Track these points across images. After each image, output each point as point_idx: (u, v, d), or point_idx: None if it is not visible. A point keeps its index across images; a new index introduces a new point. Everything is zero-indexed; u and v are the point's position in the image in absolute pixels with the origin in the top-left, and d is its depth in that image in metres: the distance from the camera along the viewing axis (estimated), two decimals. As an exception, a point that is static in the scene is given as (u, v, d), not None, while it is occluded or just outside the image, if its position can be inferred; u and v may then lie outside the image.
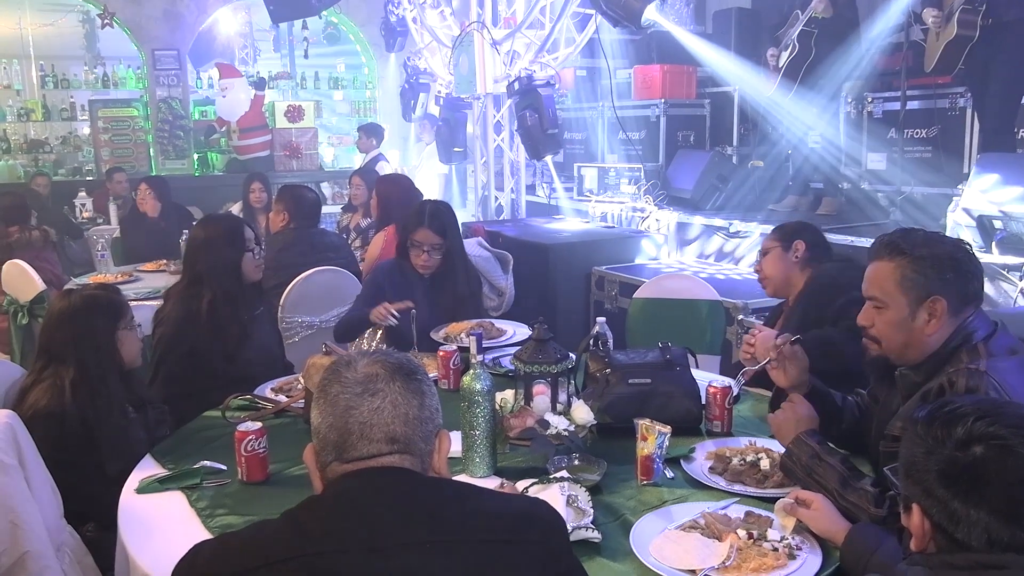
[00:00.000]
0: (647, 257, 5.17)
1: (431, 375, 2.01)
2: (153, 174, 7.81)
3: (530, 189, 6.62)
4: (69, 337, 2.27)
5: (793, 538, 1.64)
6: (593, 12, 5.10)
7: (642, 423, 1.94)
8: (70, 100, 8.76)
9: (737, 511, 1.77)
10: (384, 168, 6.63)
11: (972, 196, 3.83)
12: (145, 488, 1.96)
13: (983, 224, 3.73)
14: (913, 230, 1.82)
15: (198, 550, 1.21)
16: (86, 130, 8.93)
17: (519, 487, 1.81)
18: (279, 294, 3.80)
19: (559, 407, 2.05)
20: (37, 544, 1.80)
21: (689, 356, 2.40)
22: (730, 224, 4.95)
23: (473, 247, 4.15)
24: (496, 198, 6.27)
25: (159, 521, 1.84)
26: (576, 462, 1.97)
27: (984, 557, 1.11)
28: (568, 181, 6.46)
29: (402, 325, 2.92)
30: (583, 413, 2.02)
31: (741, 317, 3.74)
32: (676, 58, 6.07)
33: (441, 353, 2.67)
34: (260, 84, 8.83)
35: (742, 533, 1.64)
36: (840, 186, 5.11)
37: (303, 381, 2.39)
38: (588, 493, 1.78)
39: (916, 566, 1.17)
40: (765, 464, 1.94)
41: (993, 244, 3.65)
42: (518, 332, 3.10)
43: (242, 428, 2.00)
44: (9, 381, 2.39)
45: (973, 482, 1.12)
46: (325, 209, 5.96)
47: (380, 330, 2.84)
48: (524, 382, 2.07)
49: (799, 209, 5.23)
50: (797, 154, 5.33)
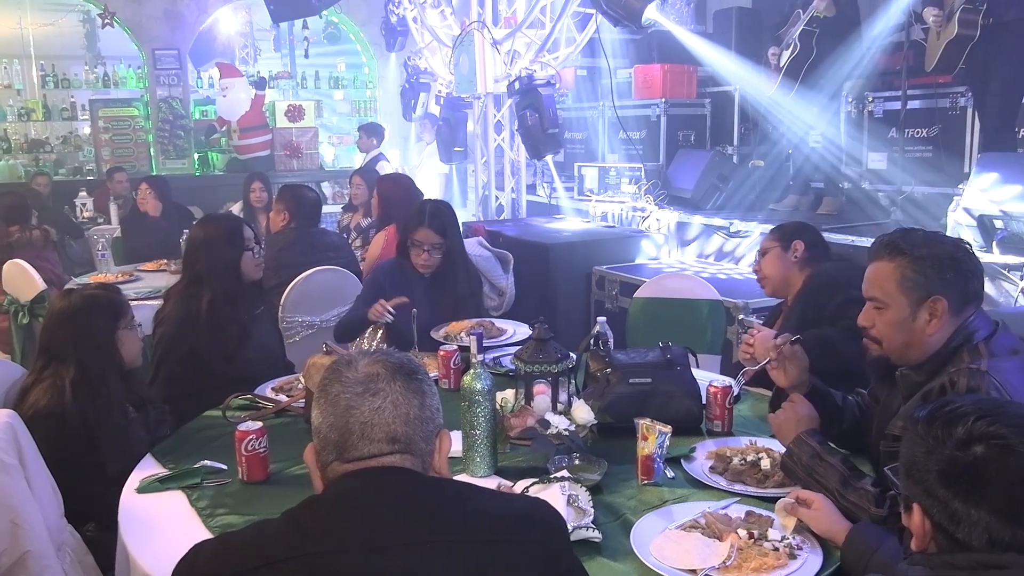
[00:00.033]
0: (647, 257, 5.17)
1: (432, 375, 2.01)
2: (154, 174, 7.81)
3: (530, 189, 6.62)
4: (69, 337, 2.27)
5: (794, 538, 1.64)
6: (593, 12, 5.10)
7: (643, 423, 1.94)
8: (71, 100, 8.76)
9: (738, 511, 1.76)
10: (384, 168, 6.63)
11: (973, 196, 3.83)
12: (146, 488, 1.96)
13: (984, 224, 3.73)
14: (913, 230, 1.81)
15: (198, 550, 1.21)
16: (87, 130, 8.93)
17: (519, 487, 1.80)
18: (280, 294, 3.80)
19: (560, 407, 2.05)
20: (38, 544, 1.80)
21: (690, 356, 2.41)
22: (730, 224, 4.95)
23: (474, 247, 4.15)
24: (496, 198, 6.27)
25: (160, 521, 1.84)
26: (577, 462, 1.97)
27: (985, 557, 1.11)
28: (568, 181, 6.45)
29: (403, 325, 2.92)
30: (584, 413, 2.02)
31: (742, 317, 3.74)
32: (677, 58, 6.06)
33: (442, 353, 2.67)
34: (260, 84, 8.82)
35: (743, 533, 1.64)
36: (841, 186, 5.11)
37: (304, 381, 2.39)
38: (589, 493, 1.78)
39: (917, 566, 1.17)
40: (766, 464, 1.95)
41: (994, 244, 3.65)
42: (518, 331, 3.10)
43: (243, 428, 2.00)
44: (10, 381, 2.39)
45: (974, 482, 1.12)
46: (326, 209, 5.96)
47: (380, 330, 2.84)
48: (525, 382, 2.07)
49: (800, 209, 5.22)
50: (798, 154, 5.33)
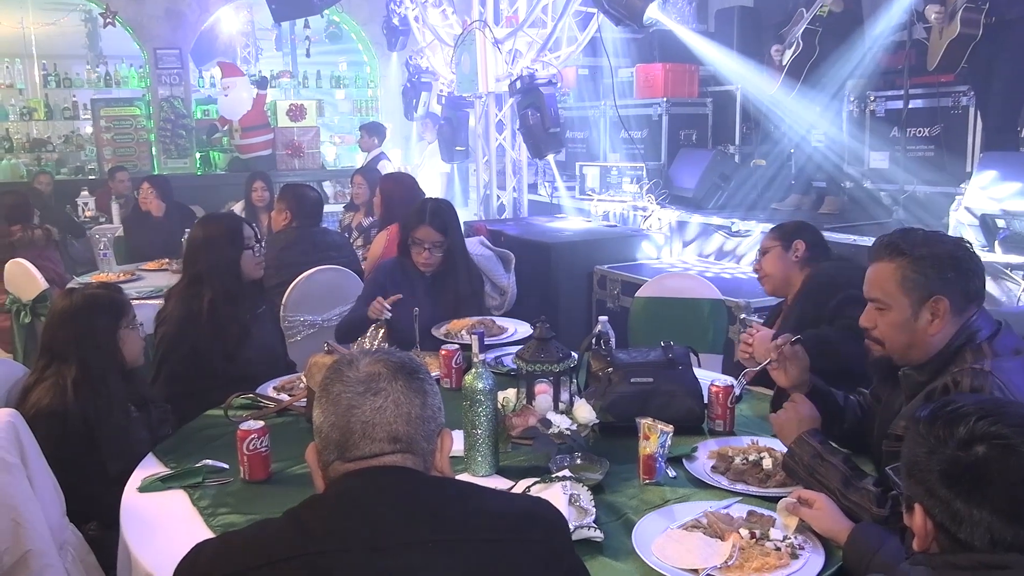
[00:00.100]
0: (649, 256, 5.17)
1: (433, 374, 2.01)
2: (155, 173, 7.82)
3: (532, 188, 6.61)
4: (71, 336, 2.27)
5: (795, 537, 1.64)
6: (595, 11, 5.10)
7: (644, 422, 1.94)
8: (72, 99, 8.75)
9: (739, 510, 1.76)
10: (386, 167, 6.63)
11: (975, 195, 3.83)
12: (147, 487, 1.96)
13: (986, 223, 3.72)
14: (912, 230, 1.80)
15: (200, 549, 1.21)
16: (88, 129, 8.93)
17: (521, 486, 1.80)
18: (281, 293, 3.80)
19: (561, 406, 2.05)
20: (39, 543, 1.80)
21: (692, 355, 2.40)
22: (731, 223, 4.95)
23: (475, 246, 4.15)
24: (498, 197, 6.27)
25: (161, 520, 1.84)
26: (578, 461, 1.97)
27: (987, 557, 1.11)
28: (570, 180, 6.45)
29: (404, 324, 2.92)
30: (585, 412, 2.02)
31: (743, 316, 3.74)
32: (678, 57, 6.06)
33: (443, 352, 2.67)
34: (262, 83, 8.81)
35: (744, 532, 1.64)
36: (843, 185, 5.10)
37: (305, 380, 2.39)
38: (590, 492, 1.78)
39: (919, 566, 1.16)
40: (767, 463, 1.94)
41: (996, 243, 3.65)
42: (519, 329, 3.10)
43: (244, 427, 2.00)
44: (12, 380, 2.39)
45: (975, 482, 1.12)
46: (327, 208, 5.96)
47: (382, 329, 2.84)
48: (526, 381, 2.07)
49: (802, 208, 5.22)
50: (800, 153, 5.32)
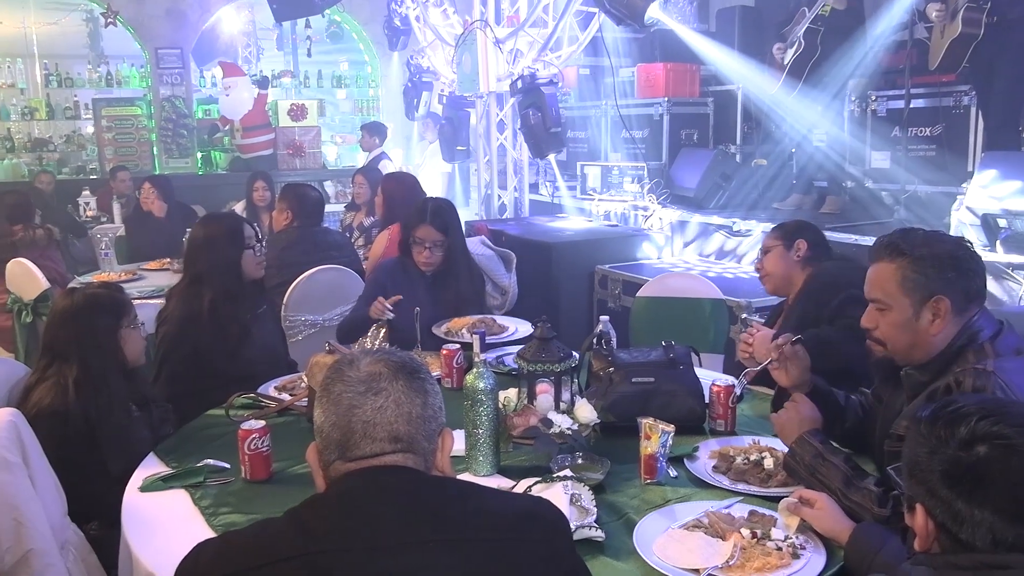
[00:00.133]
0: (650, 256, 5.17)
1: (434, 374, 2.00)
2: (156, 173, 7.82)
3: (533, 188, 6.62)
4: (72, 336, 2.27)
5: (797, 537, 1.64)
6: (596, 10, 5.10)
7: (645, 422, 1.94)
8: (74, 99, 8.75)
9: (741, 510, 1.76)
10: (387, 167, 6.62)
11: (976, 194, 3.82)
12: (149, 486, 1.96)
13: (987, 222, 3.72)
14: (913, 230, 1.80)
15: (201, 548, 1.21)
16: (90, 129, 8.94)
17: (522, 486, 1.80)
18: (282, 293, 3.80)
19: (562, 406, 2.04)
20: (41, 542, 1.80)
21: (693, 355, 2.40)
22: (733, 223, 4.94)
23: (476, 246, 4.15)
24: (499, 197, 6.27)
25: (163, 519, 1.84)
26: (579, 461, 1.97)
27: (988, 557, 1.11)
28: (571, 180, 6.45)
29: (405, 324, 2.92)
30: (586, 412, 2.02)
31: (744, 316, 3.73)
32: (679, 56, 6.06)
33: (444, 352, 2.67)
34: (263, 83, 8.82)
35: (746, 532, 1.63)
36: (844, 184, 5.10)
37: (306, 379, 2.39)
38: (591, 492, 1.78)
39: (920, 566, 1.16)
40: (769, 463, 1.94)
41: (998, 243, 3.64)
42: (520, 328, 3.10)
43: (245, 427, 2.00)
44: (13, 379, 2.40)
45: (977, 482, 1.12)
46: (328, 208, 5.96)
47: (383, 329, 2.84)
48: (527, 381, 2.07)
49: (803, 208, 5.22)
50: (801, 152, 5.32)
